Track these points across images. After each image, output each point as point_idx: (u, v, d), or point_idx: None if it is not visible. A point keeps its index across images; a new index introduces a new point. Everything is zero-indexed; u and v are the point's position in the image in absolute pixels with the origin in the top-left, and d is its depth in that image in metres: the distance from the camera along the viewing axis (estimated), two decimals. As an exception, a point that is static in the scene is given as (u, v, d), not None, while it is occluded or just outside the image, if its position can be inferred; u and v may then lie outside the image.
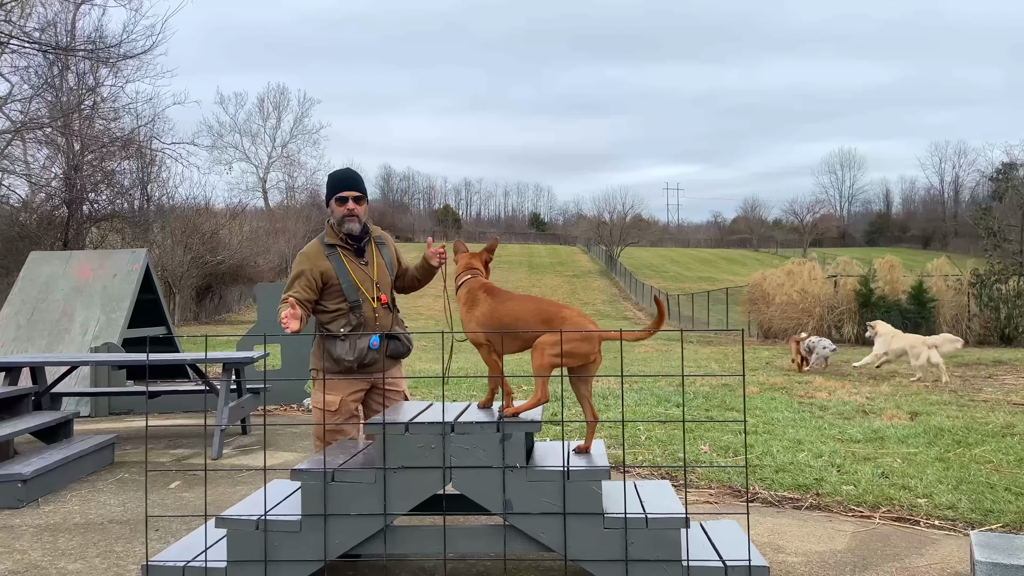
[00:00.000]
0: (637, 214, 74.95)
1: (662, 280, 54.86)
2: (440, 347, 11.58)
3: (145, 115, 27.09)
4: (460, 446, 3.12)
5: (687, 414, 7.56)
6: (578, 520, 3.06)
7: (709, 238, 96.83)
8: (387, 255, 4.12)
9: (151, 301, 9.62)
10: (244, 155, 71.36)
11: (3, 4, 18.20)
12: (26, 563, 3.78)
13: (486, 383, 3.51)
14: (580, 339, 3.18)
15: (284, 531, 3.12)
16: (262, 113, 72.40)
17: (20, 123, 20.50)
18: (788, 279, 23.16)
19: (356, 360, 3.89)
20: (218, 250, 34.67)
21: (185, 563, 3.13)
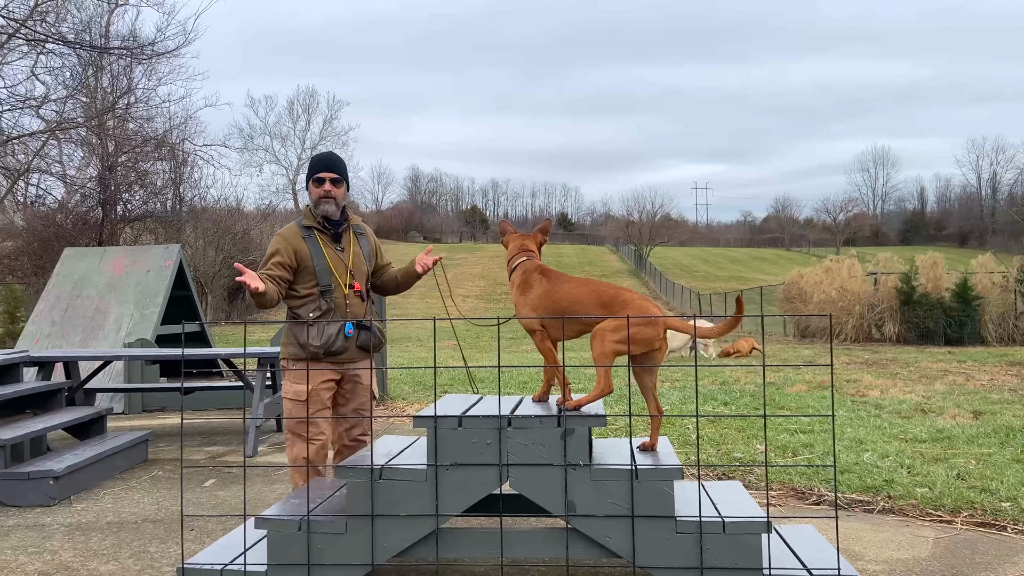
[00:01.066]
0: (666, 213, 74.11)
1: (692, 280, 54.22)
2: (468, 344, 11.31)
3: (177, 117, 27.26)
4: (518, 442, 2.87)
5: (734, 413, 7.25)
6: (648, 523, 2.80)
7: (739, 237, 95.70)
8: (365, 245, 3.99)
9: (184, 297, 9.51)
10: (274, 157, 71.99)
11: (37, 6, 18.31)
12: (57, 564, 3.60)
13: (533, 377, 3.26)
14: (643, 323, 2.92)
15: (328, 532, 2.89)
16: (292, 115, 72.96)
17: (55, 124, 20.65)
18: (826, 277, 22.62)
19: (323, 346, 3.70)
20: (249, 250, 34.77)
21: (223, 566, 2.92)
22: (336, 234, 3.87)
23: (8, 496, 4.63)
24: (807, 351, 16.06)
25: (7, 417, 5.37)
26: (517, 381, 9.73)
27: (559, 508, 2.85)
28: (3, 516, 4.43)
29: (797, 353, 15.50)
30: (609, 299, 3.05)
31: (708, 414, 7.14)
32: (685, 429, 6.34)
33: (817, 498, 4.55)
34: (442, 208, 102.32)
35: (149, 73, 24.85)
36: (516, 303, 3.21)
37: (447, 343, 23.11)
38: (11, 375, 5.88)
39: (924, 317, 19.45)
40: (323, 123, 73.67)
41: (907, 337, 19.45)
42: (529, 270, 3.24)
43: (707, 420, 6.63)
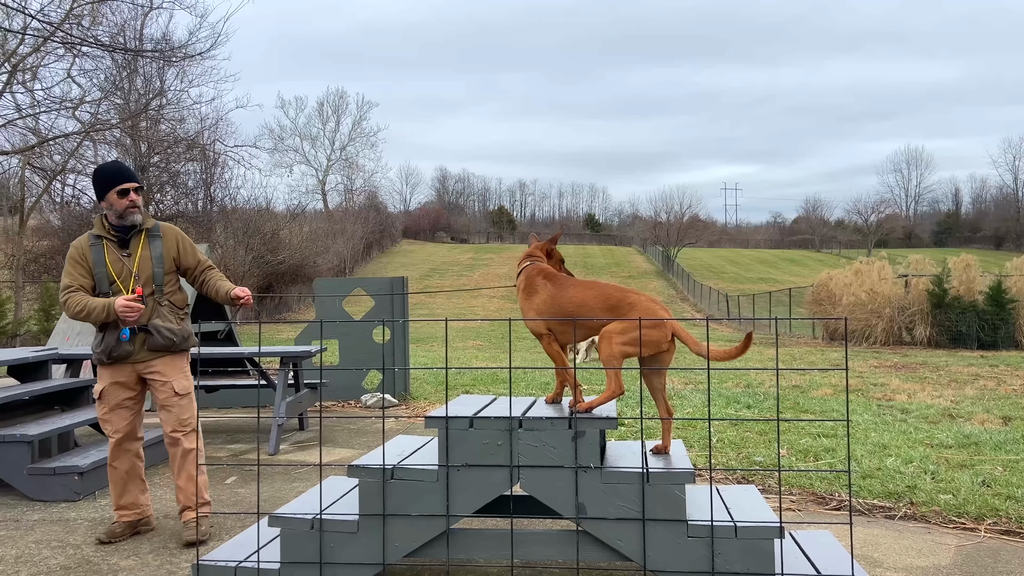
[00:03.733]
0: (694, 214, 73.63)
1: (721, 281, 53.78)
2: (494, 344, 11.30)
3: (209, 118, 27.65)
4: (529, 444, 2.87)
5: (757, 416, 7.18)
6: (659, 527, 2.78)
7: (769, 239, 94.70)
8: (158, 248, 3.99)
9: (211, 296, 9.62)
10: (304, 158, 72.76)
11: (73, 10, 18.68)
12: (79, 558, 3.67)
13: (544, 380, 3.26)
14: (650, 325, 2.93)
15: (340, 531, 2.92)
16: (321, 117, 73.67)
17: (90, 125, 21.04)
18: (856, 279, 22.30)
19: (104, 353, 3.89)
20: (278, 250, 35.22)
21: (237, 563, 2.96)
22: (123, 240, 3.95)
23: (34, 490, 4.72)
24: (835, 354, 15.85)
25: (35, 413, 5.48)
26: (538, 382, 9.73)
27: (570, 510, 2.84)
28: (29, 510, 4.52)
29: (825, 356, 15.31)
30: (616, 302, 3.05)
31: (725, 417, 7.09)
32: (705, 432, 6.29)
33: (837, 503, 4.49)
34: (469, 208, 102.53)
35: (181, 75, 25.27)
36: (522, 308, 3.22)
37: (472, 343, 23.15)
38: (40, 372, 6.01)
39: (956, 320, 19.10)
40: (352, 124, 74.33)
41: (938, 340, 19.11)
42: (532, 275, 3.25)
43: (728, 423, 6.57)
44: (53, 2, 17.58)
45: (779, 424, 2.68)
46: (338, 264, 48.70)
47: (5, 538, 3.99)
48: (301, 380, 6.96)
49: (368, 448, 6.19)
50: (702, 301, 44.90)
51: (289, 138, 71.20)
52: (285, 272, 36.57)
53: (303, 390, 6.97)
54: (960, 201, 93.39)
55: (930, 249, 60.40)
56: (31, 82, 20.73)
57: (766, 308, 32.88)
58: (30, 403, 5.46)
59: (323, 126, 73.67)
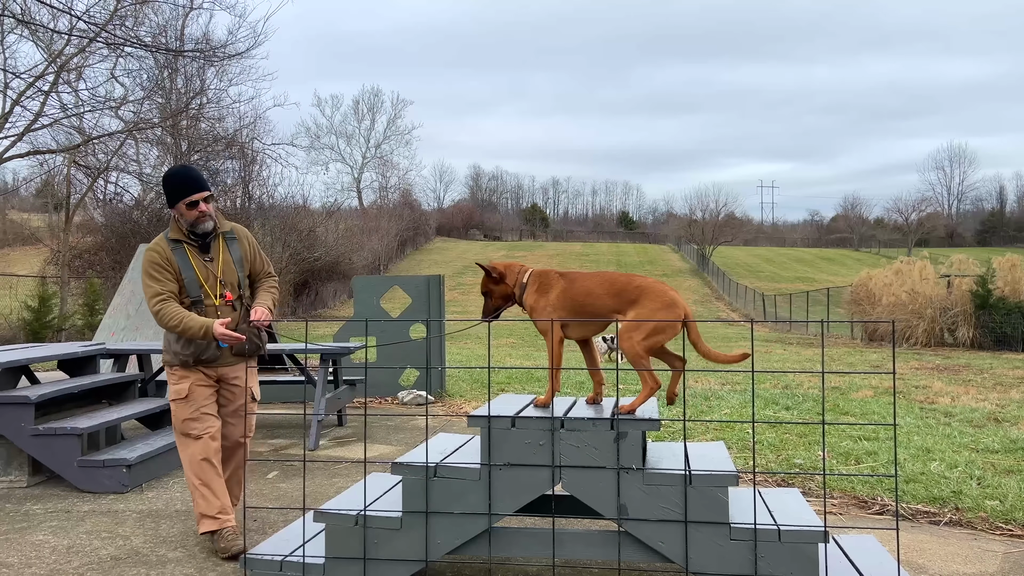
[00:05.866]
0: (730, 212, 72.88)
1: (757, 280, 53.18)
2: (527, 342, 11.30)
3: (247, 117, 28.04)
4: (571, 444, 2.88)
5: (796, 418, 7.10)
6: (701, 529, 2.78)
7: (806, 237, 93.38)
8: (236, 252, 3.96)
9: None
10: (339, 156, 73.41)
11: (117, 11, 19.06)
12: (128, 549, 3.77)
13: (580, 379, 3.27)
14: (662, 311, 2.97)
15: (384, 528, 2.96)
16: (357, 115, 74.22)
17: (133, 124, 21.46)
18: (896, 279, 21.90)
19: (192, 355, 3.81)
20: (315, 247, 35.60)
21: (283, 557, 3.01)
22: (204, 244, 3.89)
23: (84, 482, 4.85)
24: (874, 355, 15.60)
25: (84, 407, 5.62)
26: (573, 381, 9.72)
27: (611, 511, 2.85)
28: (79, 501, 4.64)
29: (864, 357, 15.07)
30: (622, 286, 3.10)
31: (768, 420, 7.02)
32: (744, 434, 6.25)
33: (880, 508, 4.43)
34: (502, 206, 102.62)
35: (221, 74, 25.64)
36: (534, 306, 3.22)
37: (505, 340, 23.18)
38: (89, 366, 6.16)
39: (1001, 322, 18.67)
40: (387, 122, 74.77)
41: (982, 342, 18.70)
42: (546, 272, 3.29)
43: (767, 425, 6.51)
44: (98, 3, 17.97)
45: (824, 427, 2.65)
46: (372, 261, 49.08)
47: (57, 528, 4.11)
48: (340, 377, 7.05)
49: (406, 444, 6.25)
50: (737, 300, 44.45)
51: (325, 136, 71.91)
52: (321, 269, 36.97)
53: (342, 387, 7.06)
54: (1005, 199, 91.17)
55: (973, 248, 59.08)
56: (76, 82, 21.21)
57: (803, 308, 32.44)
58: (79, 397, 5.60)
59: (358, 124, 74.26)
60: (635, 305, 3.03)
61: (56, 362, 6.27)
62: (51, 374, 7.37)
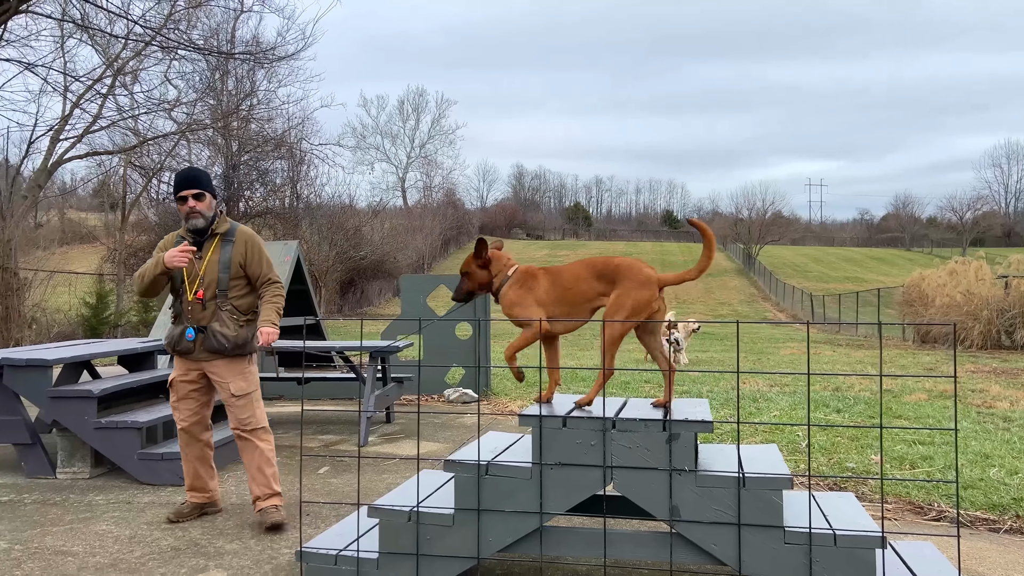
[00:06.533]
0: (777, 211, 71.73)
1: (804, 280, 52.27)
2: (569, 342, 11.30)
3: (295, 118, 28.49)
4: (622, 445, 2.88)
5: (847, 421, 6.97)
6: (755, 532, 2.76)
7: (855, 236, 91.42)
8: (226, 253, 4.10)
9: (301, 292, 9.94)
10: (385, 156, 74.19)
11: (171, 15, 19.52)
12: (187, 540, 3.87)
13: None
14: (637, 288, 3.05)
15: (436, 524, 2.99)
16: (402, 115, 74.93)
17: (185, 125, 21.97)
18: (951, 279, 21.33)
19: (170, 345, 4.18)
20: (360, 246, 36.02)
21: (338, 551, 3.07)
22: (198, 242, 4.11)
23: (143, 474, 5.00)
24: (927, 358, 15.22)
25: (143, 401, 5.78)
26: (619, 381, 9.69)
27: (663, 512, 2.85)
28: (139, 493, 4.79)
29: (916, 360, 14.73)
30: (602, 267, 3.16)
31: (824, 423, 6.91)
32: (795, 436, 6.16)
33: (937, 514, 4.34)
34: (545, 205, 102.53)
35: (270, 76, 26.10)
36: (515, 301, 3.23)
37: (549, 340, 23.20)
38: (147, 362, 6.34)
39: (1061, 324, 18.06)
40: (431, 122, 75.31)
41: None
42: (531, 269, 3.32)
43: (818, 428, 6.41)
44: (153, 8, 18.44)
45: (882, 431, 2.61)
46: (416, 260, 49.47)
47: (119, 519, 4.24)
48: (389, 374, 7.13)
49: (452, 442, 6.31)
50: (784, 300, 43.77)
51: (371, 136, 72.76)
52: (367, 267, 37.40)
53: (390, 384, 7.14)
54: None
55: (1032, 248, 57.15)
56: (132, 85, 21.79)
57: (852, 308, 31.80)
58: (138, 391, 5.77)
59: (403, 124, 74.97)
60: (615, 285, 3.11)
61: (116, 357, 6.47)
62: (110, 369, 7.60)
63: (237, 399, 4.13)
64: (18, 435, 5.19)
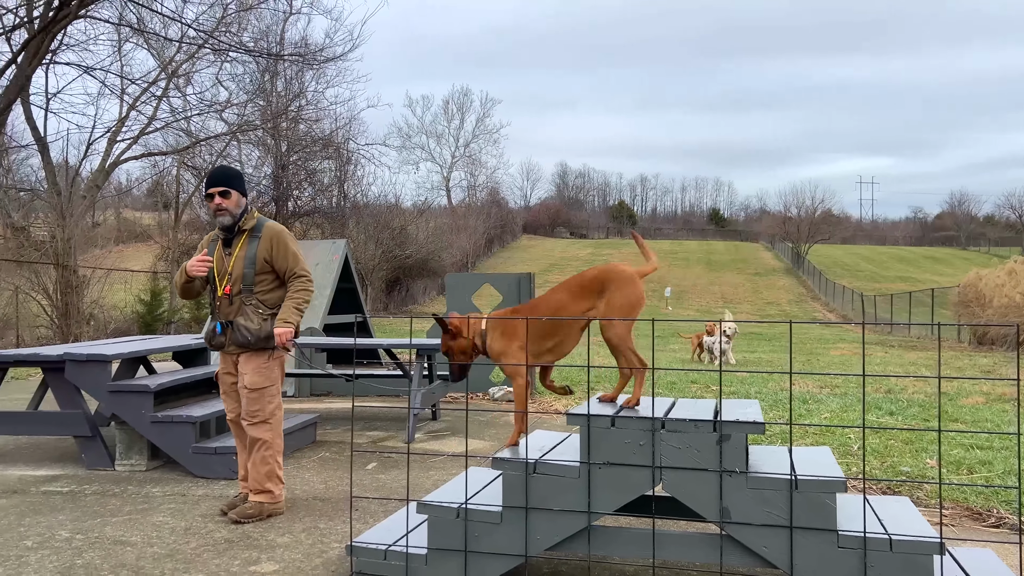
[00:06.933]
0: (827, 209, 70.33)
1: (855, 280, 51.19)
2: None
3: (342, 118, 28.88)
4: (672, 445, 2.86)
5: (901, 423, 6.81)
6: (807, 535, 2.71)
7: (908, 235, 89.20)
8: (252, 249, 4.18)
9: (349, 290, 10.08)
10: (430, 155, 74.72)
11: (224, 18, 19.92)
12: (240, 533, 3.96)
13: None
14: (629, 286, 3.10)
15: (485, 521, 3.01)
16: (447, 115, 75.32)
17: (236, 126, 22.42)
18: (1009, 279, 20.68)
19: (206, 340, 4.37)
20: (406, 245, 36.37)
21: (387, 546, 3.11)
22: (228, 239, 4.24)
23: (197, 467, 5.12)
24: (984, 360, 14.79)
25: (197, 396, 5.92)
26: (665, 381, 9.61)
27: (713, 514, 2.82)
28: (193, 486, 4.90)
29: (973, 362, 14.31)
30: (582, 283, 3.20)
31: (876, 425, 6.76)
32: (846, 439, 6.04)
33: (996, 520, 4.22)
34: (589, 204, 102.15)
35: (318, 77, 26.47)
36: (504, 350, 3.28)
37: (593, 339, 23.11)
38: (200, 358, 6.49)
39: None
40: (476, 121, 75.57)
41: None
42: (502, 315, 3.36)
43: (871, 431, 6.28)
44: (206, 12, 18.84)
45: (940, 434, 2.55)
46: (460, 259, 49.72)
47: (175, 511, 4.36)
48: (435, 372, 7.18)
49: (498, 440, 6.33)
50: (834, 300, 42.93)
51: (416, 136, 73.29)
52: (412, 266, 37.74)
53: (436, 382, 7.20)
54: None
55: (1096, 247, 55.06)
56: (185, 87, 22.30)
57: (905, 309, 31.04)
58: (192, 386, 5.91)
59: (448, 124, 75.36)
60: (603, 295, 3.13)
61: (170, 353, 6.63)
62: (165, 364, 7.79)
63: (249, 391, 4.23)
64: (79, 428, 5.36)
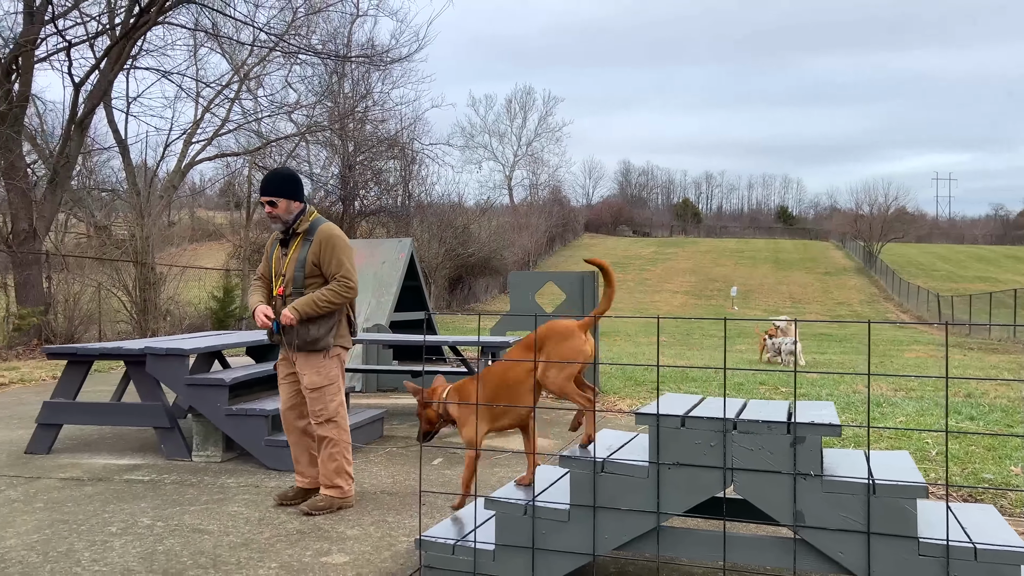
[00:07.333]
0: (901, 206, 68.07)
1: (931, 280, 49.38)
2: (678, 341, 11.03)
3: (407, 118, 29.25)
4: (744, 447, 2.81)
5: (982, 428, 6.54)
6: (886, 542, 2.63)
7: (988, 233, 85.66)
8: (304, 251, 4.26)
9: (414, 287, 10.21)
10: (492, 154, 75.13)
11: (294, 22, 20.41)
12: (311, 524, 4.05)
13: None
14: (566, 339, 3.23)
15: (552, 519, 3.01)
16: (509, 113, 75.69)
17: (305, 128, 22.94)
18: (1100, 280, 19.67)
19: (268, 337, 4.46)
20: (468, 244, 36.66)
21: (455, 541, 3.14)
22: (285, 240, 4.35)
23: (270, 460, 5.26)
24: (1074, 364, 14.09)
25: (270, 390, 6.08)
26: (731, 382, 9.45)
27: (787, 517, 2.76)
28: (266, 478, 5.04)
29: (1061, 366, 13.66)
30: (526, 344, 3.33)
31: (960, 430, 6.52)
32: (922, 443, 5.84)
33: (1088, 533, 4.01)
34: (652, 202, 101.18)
35: (384, 78, 26.89)
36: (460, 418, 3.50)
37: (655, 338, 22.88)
38: (272, 353, 6.66)
39: None
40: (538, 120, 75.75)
41: None
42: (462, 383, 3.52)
43: (952, 435, 6.05)
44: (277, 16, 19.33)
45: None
46: (522, 257, 49.84)
47: (249, 501, 4.49)
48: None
49: (561, 438, 6.32)
50: (908, 300, 41.52)
51: (479, 135, 73.83)
52: (474, 264, 38.02)
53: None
54: None
55: None
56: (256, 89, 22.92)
57: (984, 310, 29.81)
58: (265, 380, 6.07)
59: (510, 123, 75.70)
60: (542, 351, 3.28)
61: (244, 348, 6.83)
62: (239, 359, 8.03)
63: (310, 392, 4.32)
64: (159, 419, 5.57)
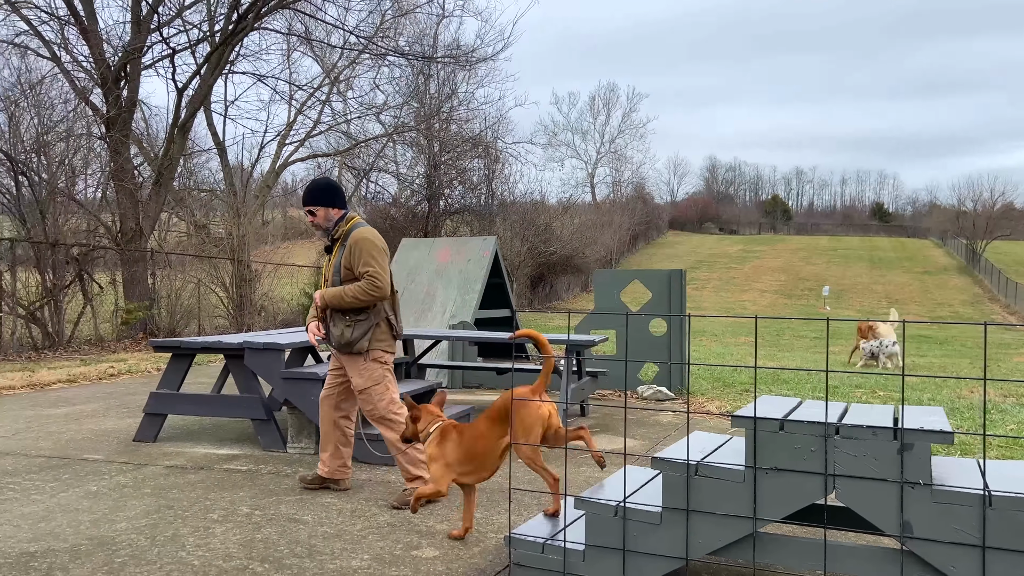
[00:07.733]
0: (1008, 202, 64.43)
1: (1041, 279, 46.50)
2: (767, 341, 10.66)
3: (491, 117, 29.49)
4: (847, 452, 2.70)
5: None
6: (1002, 557, 2.48)
7: (1106, 231, 79.93)
8: (339, 258, 4.38)
9: (498, 285, 10.26)
10: (575, 152, 74.95)
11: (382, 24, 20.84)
12: (401, 518, 4.12)
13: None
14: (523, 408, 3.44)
15: (644, 522, 2.96)
16: (592, 111, 75.48)
17: (392, 128, 23.40)
18: None
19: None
20: (550, 242, 36.64)
21: (544, 540, 3.13)
22: (329, 247, 4.53)
23: (360, 453, 5.36)
24: None
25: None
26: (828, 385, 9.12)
27: (893, 528, 2.64)
28: (357, 471, 5.15)
29: None
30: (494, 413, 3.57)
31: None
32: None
33: None
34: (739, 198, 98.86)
35: (469, 78, 27.16)
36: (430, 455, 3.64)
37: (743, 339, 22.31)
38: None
39: None
40: (622, 117, 75.11)
41: None
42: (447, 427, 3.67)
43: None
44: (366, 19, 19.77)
45: None
46: (604, 255, 49.50)
47: (341, 493, 4.59)
48: (584, 368, 7.18)
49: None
50: (1017, 302, 39.25)
51: (562, 133, 73.70)
52: (556, 263, 37.97)
53: (585, 378, 7.19)
54: None
55: None
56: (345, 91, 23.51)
57: (1104, 313, 27.84)
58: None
59: (593, 120, 75.54)
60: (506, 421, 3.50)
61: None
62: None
63: (359, 393, 4.46)
64: (256, 411, 5.77)
